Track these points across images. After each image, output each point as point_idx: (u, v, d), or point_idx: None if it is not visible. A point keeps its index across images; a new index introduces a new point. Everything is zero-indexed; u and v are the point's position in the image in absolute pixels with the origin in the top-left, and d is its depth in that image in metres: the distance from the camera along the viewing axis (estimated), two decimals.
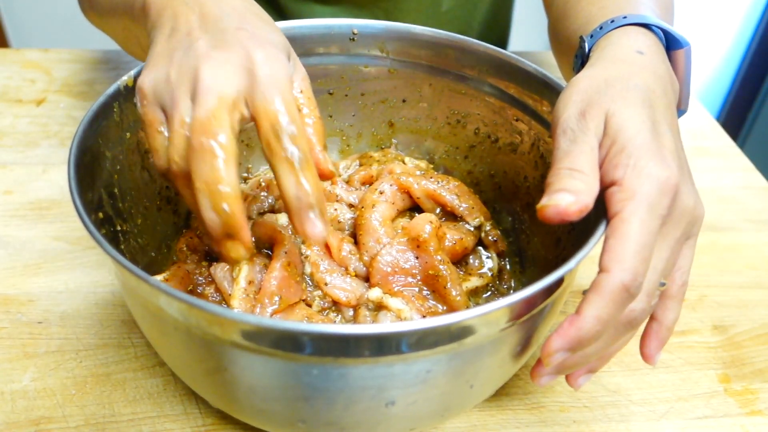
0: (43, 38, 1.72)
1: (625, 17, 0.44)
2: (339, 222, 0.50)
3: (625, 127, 0.36)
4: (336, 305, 0.46)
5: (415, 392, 0.35)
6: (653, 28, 0.44)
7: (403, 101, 0.57)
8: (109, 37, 0.59)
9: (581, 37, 0.45)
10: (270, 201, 0.51)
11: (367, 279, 0.47)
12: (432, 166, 0.58)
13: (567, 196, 0.34)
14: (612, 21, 0.44)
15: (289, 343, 0.32)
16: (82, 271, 0.56)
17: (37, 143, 0.70)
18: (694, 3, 1.65)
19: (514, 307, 0.33)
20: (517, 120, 0.52)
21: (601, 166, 0.37)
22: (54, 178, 0.65)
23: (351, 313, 0.45)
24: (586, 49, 0.45)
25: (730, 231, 0.65)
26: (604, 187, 0.36)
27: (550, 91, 0.48)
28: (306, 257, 0.46)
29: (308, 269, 0.46)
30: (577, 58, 0.46)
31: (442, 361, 0.34)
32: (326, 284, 0.45)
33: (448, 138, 0.57)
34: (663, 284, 0.38)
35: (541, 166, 0.51)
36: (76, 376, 0.48)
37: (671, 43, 0.45)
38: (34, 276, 0.55)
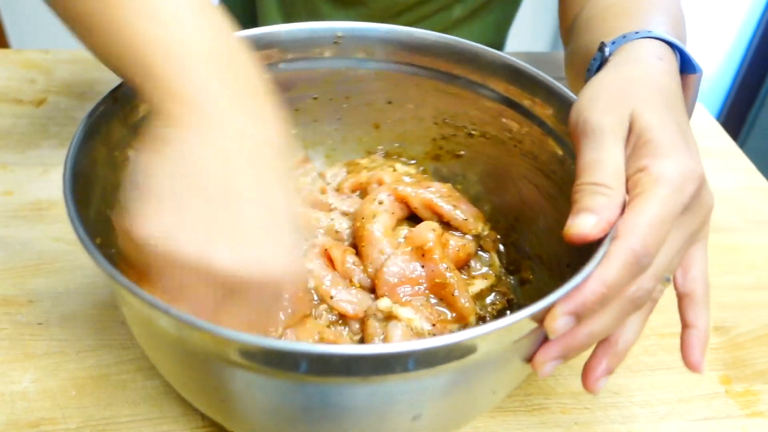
0: (43, 38, 1.71)
1: (649, 31, 0.44)
2: (337, 232, 0.50)
3: (652, 125, 0.36)
4: (343, 318, 0.45)
5: (442, 403, 0.35)
6: (674, 48, 0.44)
7: (389, 103, 0.56)
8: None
9: (602, 43, 0.46)
10: None
11: (371, 290, 0.46)
12: (422, 168, 0.58)
13: (589, 218, 0.34)
14: (637, 32, 0.44)
15: (320, 365, 0.31)
16: (83, 272, 0.56)
17: (38, 144, 0.69)
18: (694, 3, 1.65)
19: (536, 315, 0.33)
20: (506, 118, 0.52)
21: (626, 162, 0.36)
22: (54, 178, 0.65)
23: (358, 325, 0.45)
24: (607, 53, 0.45)
25: (732, 232, 0.65)
26: (630, 176, 0.36)
27: (541, 88, 0.48)
28: (309, 271, 0.46)
29: (312, 283, 0.45)
30: (595, 60, 0.46)
31: (468, 371, 0.34)
32: (332, 297, 0.45)
33: (437, 138, 0.57)
34: (668, 279, 0.38)
35: (531, 162, 0.51)
36: (75, 377, 0.48)
37: (685, 66, 0.45)
38: (34, 277, 0.55)
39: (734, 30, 1.71)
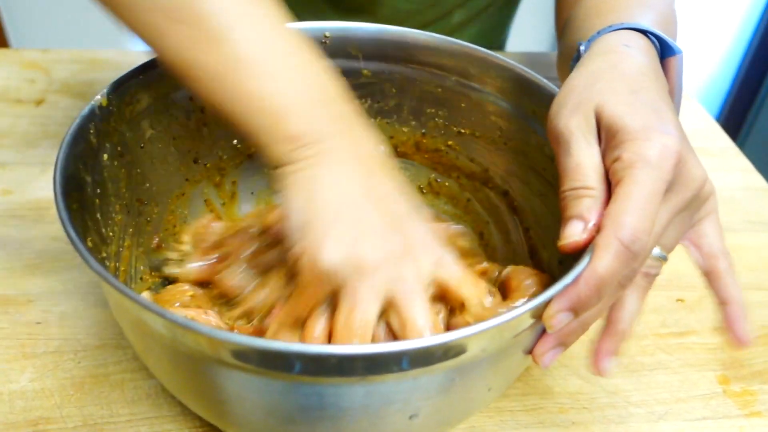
0: (43, 38, 1.72)
1: (621, 23, 0.44)
2: None
3: (618, 114, 0.36)
4: None
5: (439, 402, 0.35)
6: (649, 35, 0.44)
7: (377, 102, 0.56)
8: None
9: (578, 43, 0.46)
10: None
11: None
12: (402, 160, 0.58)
13: (577, 225, 0.35)
14: (609, 26, 0.45)
15: (314, 365, 0.31)
16: (81, 271, 0.56)
17: (37, 143, 0.70)
18: (694, 3, 1.65)
19: (536, 311, 0.33)
20: (496, 116, 0.52)
21: (603, 157, 0.37)
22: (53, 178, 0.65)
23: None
24: (582, 52, 0.45)
25: (730, 232, 0.65)
26: (608, 169, 0.36)
27: (530, 86, 0.48)
28: None
29: None
30: (573, 61, 0.46)
31: (465, 369, 0.34)
32: None
33: (426, 136, 0.57)
34: (665, 257, 0.37)
35: (522, 159, 0.51)
36: (74, 376, 0.48)
37: (666, 51, 0.45)
38: (33, 276, 0.55)
39: (734, 30, 1.71)
